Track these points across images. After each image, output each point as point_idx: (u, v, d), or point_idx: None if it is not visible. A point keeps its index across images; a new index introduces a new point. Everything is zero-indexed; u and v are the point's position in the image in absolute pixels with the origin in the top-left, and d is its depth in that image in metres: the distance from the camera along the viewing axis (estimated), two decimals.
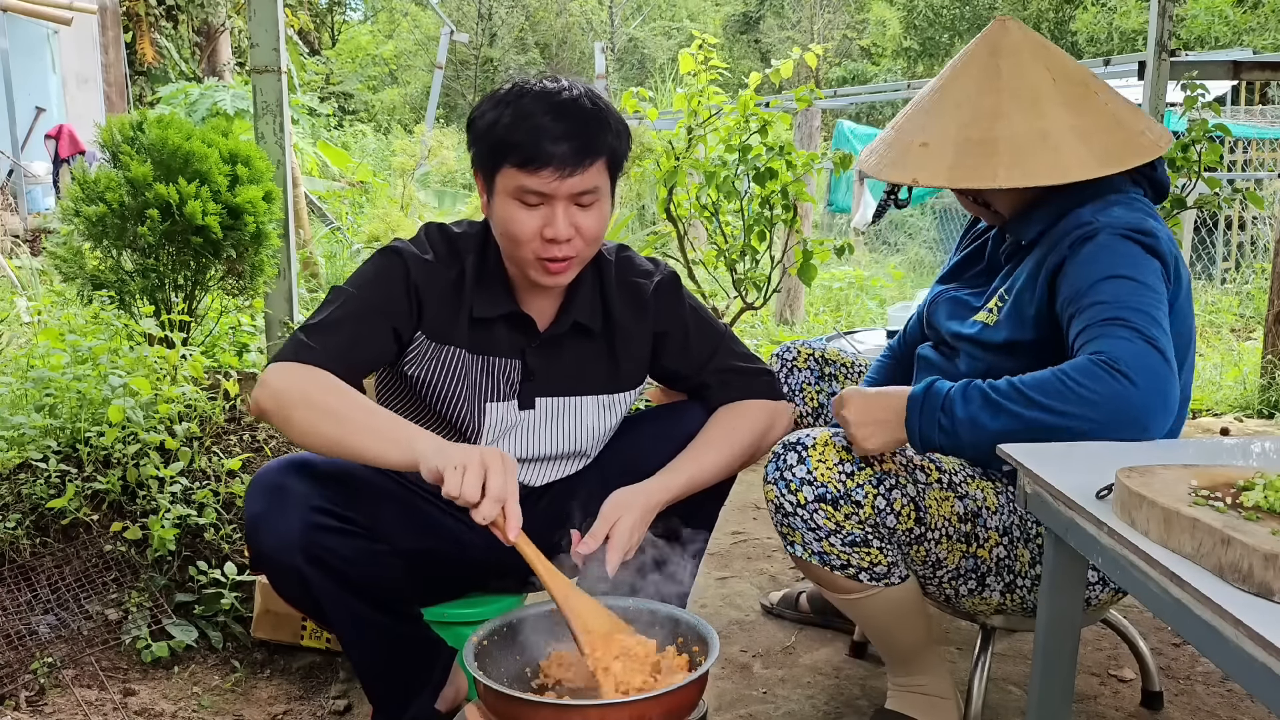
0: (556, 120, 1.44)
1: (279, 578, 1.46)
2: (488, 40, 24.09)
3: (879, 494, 1.50)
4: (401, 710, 1.58)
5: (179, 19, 14.35)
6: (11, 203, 8.97)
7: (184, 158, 2.96)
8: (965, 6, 19.72)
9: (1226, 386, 4.65)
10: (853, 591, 1.59)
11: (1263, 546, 0.87)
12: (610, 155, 1.50)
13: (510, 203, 1.48)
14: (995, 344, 1.59)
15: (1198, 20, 15.24)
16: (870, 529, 1.52)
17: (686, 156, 3.82)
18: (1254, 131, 9.45)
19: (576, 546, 1.43)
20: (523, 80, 1.52)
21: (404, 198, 7.83)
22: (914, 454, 1.56)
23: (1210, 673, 2.05)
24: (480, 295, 1.58)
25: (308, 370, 1.44)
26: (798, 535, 1.54)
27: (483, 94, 1.69)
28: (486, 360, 1.60)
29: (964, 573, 1.61)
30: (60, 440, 2.35)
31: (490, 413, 1.60)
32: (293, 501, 1.42)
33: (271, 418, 1.44)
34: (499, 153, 1.47)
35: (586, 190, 1.47)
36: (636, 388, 1.71)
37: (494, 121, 1.47)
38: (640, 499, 1.49)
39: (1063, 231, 1.54)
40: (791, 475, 1.51)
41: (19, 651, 1.96)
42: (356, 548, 1.45)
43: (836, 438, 1.52)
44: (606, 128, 1.49)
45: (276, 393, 1.43)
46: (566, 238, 1.47)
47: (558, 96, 1.47)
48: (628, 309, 1.66)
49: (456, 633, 1.63)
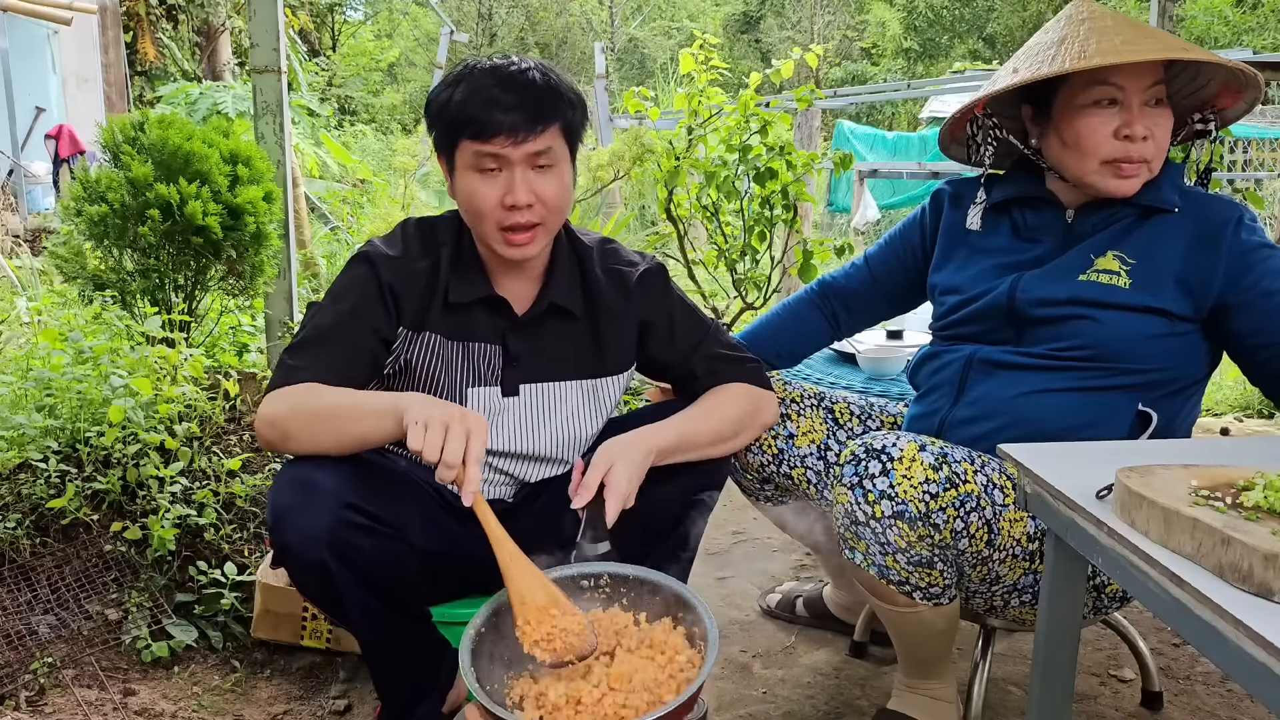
0: (506, 90, 1.47)
1: (302, 573, 1.45)
2: (488, 40, 24.10)
3: (958, 517, 1.46)
4: (410, 711, 1.58)
5: (179, 19, 14.35)
6: (12, 202, 8.97)
7: (185, 158, 2.96)
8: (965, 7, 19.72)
9: (1226, 386, 4.64)
10: (900, 605, 1.56)
11: (1263, 546, 0.87)
12: (564, 122, 1.53)
13: (470, 175, 1.51)
14: (1139, 306, 1.56)
15: (1197, 20, 15.25)
16: (940, 551, 1.49)
17: (687, 156, 3.82)
18: (1254, 131, 9.45)
19: (572, 500, 1.42)
20: (474, 59, 1.55)
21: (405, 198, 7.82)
22: (993, 472, 1.52)
23: (1210, 673, 2.04)
24: (456, 280, 1.59)
25: (294, 388, 1.47)
26: (863, 545, 1.51)
27: None
28: (465, 346, 1.60)
29: (1021, 589, 1.59)
30: (60, 440, 2.35)
31: (471, 398, 1.60)
32: (321, 496, 1.40)
33: (276, 444, 1.46)
34: (455, 129, 1.50)
35: (541, 151, 1.49)
36: (623, 373, 1.70)
37: (447, 100, 1.51)
38: (633, 445, 1.48)
39: (1208, 206, 1.60)
40: (872, 485, 1.47)
41: (19, 651, 1.96)
42: (383, 547, 1.44)
43: (924, 452, 1.47)
44: (559, 96, 1.52)
45: (271, 419, 1.45)
46: (527, 203, 1.49)
47: (507, 69, 1.51)
48: (612, 294, 1.66)
49: (457, 633, 1.63)
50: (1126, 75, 1.56)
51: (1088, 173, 1.61)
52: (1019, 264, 1.69)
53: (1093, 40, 1.57)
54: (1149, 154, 1.59)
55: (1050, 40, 1.65)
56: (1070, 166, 1.64)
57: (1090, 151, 1.59)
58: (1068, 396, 1.59)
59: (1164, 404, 1.58)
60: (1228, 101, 1.67)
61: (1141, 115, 1.57)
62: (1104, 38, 1.57)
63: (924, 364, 1.82)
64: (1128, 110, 1.57)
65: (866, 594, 1.62)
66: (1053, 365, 1.60)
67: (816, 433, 1.90)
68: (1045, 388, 1.60)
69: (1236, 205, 1.62)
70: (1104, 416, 1.57)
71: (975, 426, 1.65)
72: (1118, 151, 1.58)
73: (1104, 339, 1.56)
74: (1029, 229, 1.73)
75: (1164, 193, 1.62)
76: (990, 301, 1.68)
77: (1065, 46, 1.60)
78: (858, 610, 2.15)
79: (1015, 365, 1.64)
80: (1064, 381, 1.59)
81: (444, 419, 1.29)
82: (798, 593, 2.29)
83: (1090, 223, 1.66)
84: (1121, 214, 1.64)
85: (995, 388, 1.64)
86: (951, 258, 1.81)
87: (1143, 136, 1.57)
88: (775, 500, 2.00)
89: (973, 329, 1.72)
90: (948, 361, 1.73)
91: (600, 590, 1.44)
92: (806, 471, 1.89)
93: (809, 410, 1.91)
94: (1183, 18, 14.81)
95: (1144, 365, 1.56)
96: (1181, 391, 1.61)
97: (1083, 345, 1.58)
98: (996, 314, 1.68)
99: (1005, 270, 1.70)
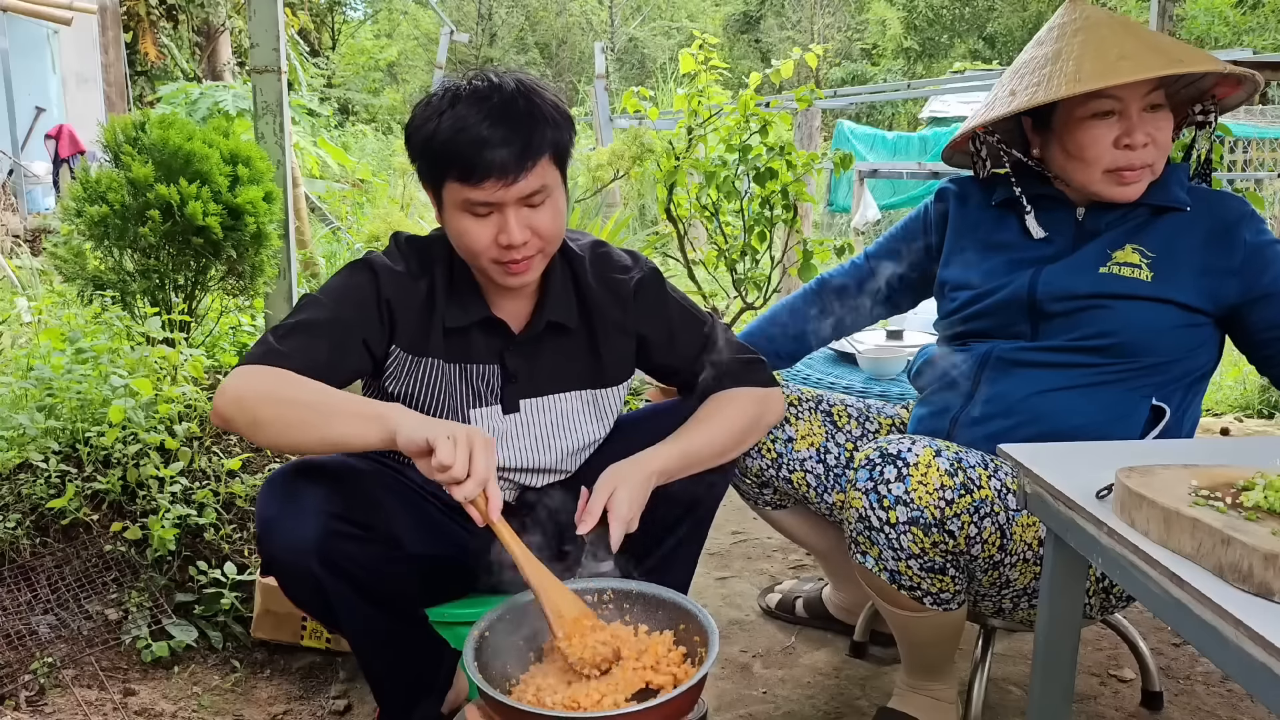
0: (493, 127, 1.40)
1: (291, 582, 1.45)
2: (488, 40, 24.11)
3: (973, 523, 1.46)
4: (409, 713, 1.58)
5: (179, 19, 14.36)
6: (12, 202, 8.96)
7: (185, 158, 2.96)
8: (965, 7, 19.72)
9: (1226, 387, 4.64)
10: (910, 610, 1.56)
11: (1262, 546, 0.87)
12: (554, 149, 1.46)
13: (460, 215, 1.45)
14: (1160, 298, 1.58)
15: (1196, 21, 15.26)
16: (952, 557, 1.49)
17: (686, 156, 3.82)
18: (1254, 131, 9.45)
19: (577, 526, 1.41)
20: (454, 84, 1.47)
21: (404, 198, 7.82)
22: (1005, 476, 1.52)
23: (1210, 673, 2.04)
24: (451, 304, 1.55)
25: (270, 370, 1.40)
26: (875, 550, 1.50)
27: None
28: (464, 368, 1.58)
29: (1031, 592, 1.59)
30: (60, 440, 2.35)
31: (474, 419, 1.59)
32: (308, 505, 1.40)
33: (240, 428, 1.38)
34: (439, 167, 1.44)
35: (534, 191, 1.44)
36: (621, 384, 1.69)
37: (430, 135, 1.43)
38: (636, 469, 1.46)
39: (1218, 202, 1.63)
40: (887, 490, 1.46)
41: (19, 651, 1.96)
42: (371, 553, 1.44)
43: (939, 458, 1.47)
44: (544, 123, 1.44)
45: (238, 397, 1.37)
46: (522, 241, 1.44)
47: (490, 101, 1.42)
48: (608, 305, 1.63)
49: (457, 633, 1.63)
50: (1124, 87, 1.58)
51: (1092, 181, 1.63)
52: (1034, 260, 1.69)
53: (1087, 58, 1.58)
54: (1151, 158, 1.60)
55: (1044, 56, 1.65)
56: (1075, 176, 1.65)
57: (1093, 162, 1.61)
58: (1083, 392, 1.59)
59: (1175, 397, 1.60)
60: (1226, 92, 1.68)
61: (1141, 123, 1.59)
62: (1099, 53, 1.58)
63: (930, 363, 1.81)
64: (1127, 119, 1.59)
65: (874, 597, 1.62)
66: (1069, 361, 1.61)
67: (815, 436, 1.89)
68: (1060, 385, 1.60)
69: (1244, 201, 1.65)
70: (1120, 413, 1.58)
71: (988, 425, 1.64)
72: (1120, 160, 1.59)
73: (1122, 329, 1.57)
74: (1040, 226, 1.72)
75: (1172, 191, 1.64)
76: (1009, 295, 1.67)
77: (1060, 64, 1.61)
78: (858, 610, 2.15)
79: (1032, 363, 1.63)
80: (1080, 378, 1.60)
81: (468, 436, 1.27)
82: (798, 593, 2.29)
83: (1103, 220, 1.67)
84: (1134, 212, 1.65)
85: (1010, 386, 1.64)
86: (961, 254, 1.80)
87: (1143, 144, 1.59)
88: (774, 505, 2.00)
89: (987, 324, 1.71)
90: (960, 359, 1.72)
91: (604, 605, 1.45)
92: (806, 475, 1.88)
93: (807, 413, 1.91)
94: (1183, 18, 14.80)
95: (1159, 357, 1.58)
96: (1191, 385, 1.62)
97: (1100, 334, 1.59)
98: (1015, 308, 1.67)
99: (1020, 266, 1.69)
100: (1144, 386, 1.58)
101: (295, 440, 1.36)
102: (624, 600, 1.46)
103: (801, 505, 1.98)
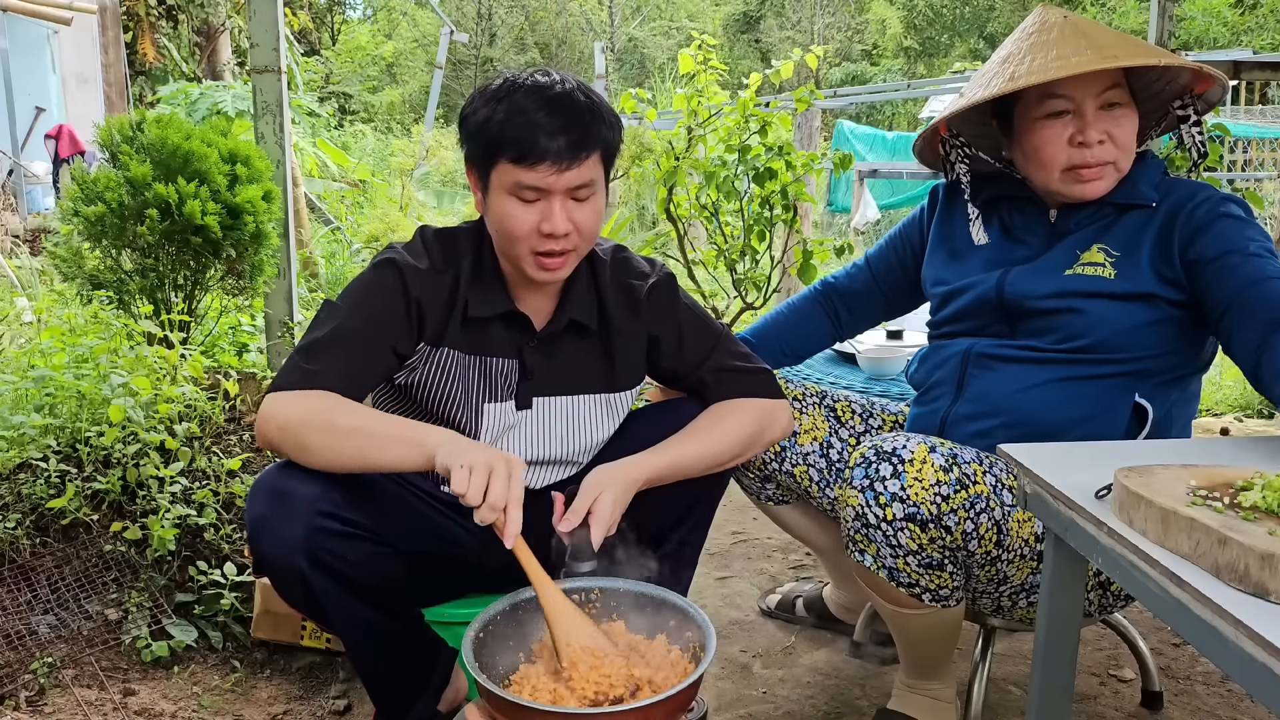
0: (551, 115, 1.44)
1: (282, 581, 1.45)
2: (487, 40, 24.11)
3: (969, 518, 1.47)
4: (405, 712, 1.58)
5: (179, 19, 14.35)
6: (11, 202, 8.97)
7: (183, 157, 2.96)
8: (965, 7, 19.72)
9: (1226, 386, 4.64)
10: (908, 607, 1.57)
11: (1259, 546, 0.87)
12: (604, 148, 1.50)
13: (507, 199, 1.48)
14: (1126, 294, 1.58)
15: (1195, 21, 15.26)
16: (950, 553, 1.49)
17: (686, 157, 3.82)
18: (1254, 131, 9.46)
19: (558, 524, 1.41)
20: (514, 75, 1.51)
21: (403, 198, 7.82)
22: (1001, 472, 1.53)
23: (1210, 673, 2.05)
24: (475, 294, 1.57)
25: (311, 395, 1.44)
26: (873, 548, 1.51)
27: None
28: (482, 360, 1.59)
29: (1029, 588, 1.59)
30: (60, 440, 2.35)
31: (488, 413, 1.59)
32: (296, 505, 1.40)
33: (283, 447, 1.42)
34: (494, 149, 1.47)
35: (583, 184, 1.47)
36: (633, 389, 1.70)
37: (488, 118, 1.47)
38: (620, 474, 1.46)
39: (1182, 190, 1.61)
40: (883, 488, 1.47)
41: (19, 651, 1.96)
42: (361, 551, 1.44)
43: (934, 454, 1.47)
44: (600, 120, 1.49)
45: (284, 424, 1.42)
46: (565, 232, 1.47)
47: (550, 90, 1.47)
48: (623, 310, 1.65)
49: (456, 632, 1.63)
50: (1074, 86, 1.59)
51: (1051, 181, 1.65)
52: (1006, 260, 1.72)
53: (1030, 58, 1.61)
54: (1109, 156, 1.61)
55: (1000, 58, 1.69)
56: (1036, 176, 1.67)
57: (1049, 162, 1.63)
58: (1064, 387, 1.60)
59: (1160, 393, 1.59)
60: (1204, 86, 1.68)
61: (1096, 120, 1.60)
62: (1042, 54, 1.60)
63: (922, 363, 1.82)
64: (1081, 118, 1.60)
65: (872, 595, 1.62)
66: (1048, 358, 1.61)
67: (819, 430, 1.90)
68: (1043, 380, 1.61)
69: (1209, 186, 1.63)
70: (1100, 408, 1.58)
71: (977, 424, 1.65)
72: (1075, 158, 1.61)
73: (1093, 329, 1.58)
74: (1015, 229, 1.75)
75: (1139, 189, 1.64)
76: (979, 295, 1.70)
77: (1006, 65, 1.64)
78: (858, 610, 2.15)
79: (1012, 358, 1.65)
80: (1060, 373, 1.60)
81: (487, 463, 1.28)
82: (798, 593, 2.29)
83: (1073, 220, 1.68)
84: (1102, 211, 1.66)
85: (994, 383, 1.65)
86: (941, 251, 1.84)
87: (1098, 140, 1.60)
88: (777, 500, 2.00)
89: (967, 324, 1.73)
90: (946, 358, 1.73)
91: (592, 605, 1.45)
92: (809, 470, 1.89)
93: (811, 408, 1.92)
94: (1181, 18, 14.80)
95: (1136, 353, 1.57)
96: (1178, 381, 1.62)
97: (1073, 335, 1.59)
98: (988, 307, 1.69)
99: (992, 265, 1.72)
100: (1125, 381, 1.58)
101: (345, 466, 1.41)
102: (611, 599, 1.45)
103: (804, 501, 1.98)
